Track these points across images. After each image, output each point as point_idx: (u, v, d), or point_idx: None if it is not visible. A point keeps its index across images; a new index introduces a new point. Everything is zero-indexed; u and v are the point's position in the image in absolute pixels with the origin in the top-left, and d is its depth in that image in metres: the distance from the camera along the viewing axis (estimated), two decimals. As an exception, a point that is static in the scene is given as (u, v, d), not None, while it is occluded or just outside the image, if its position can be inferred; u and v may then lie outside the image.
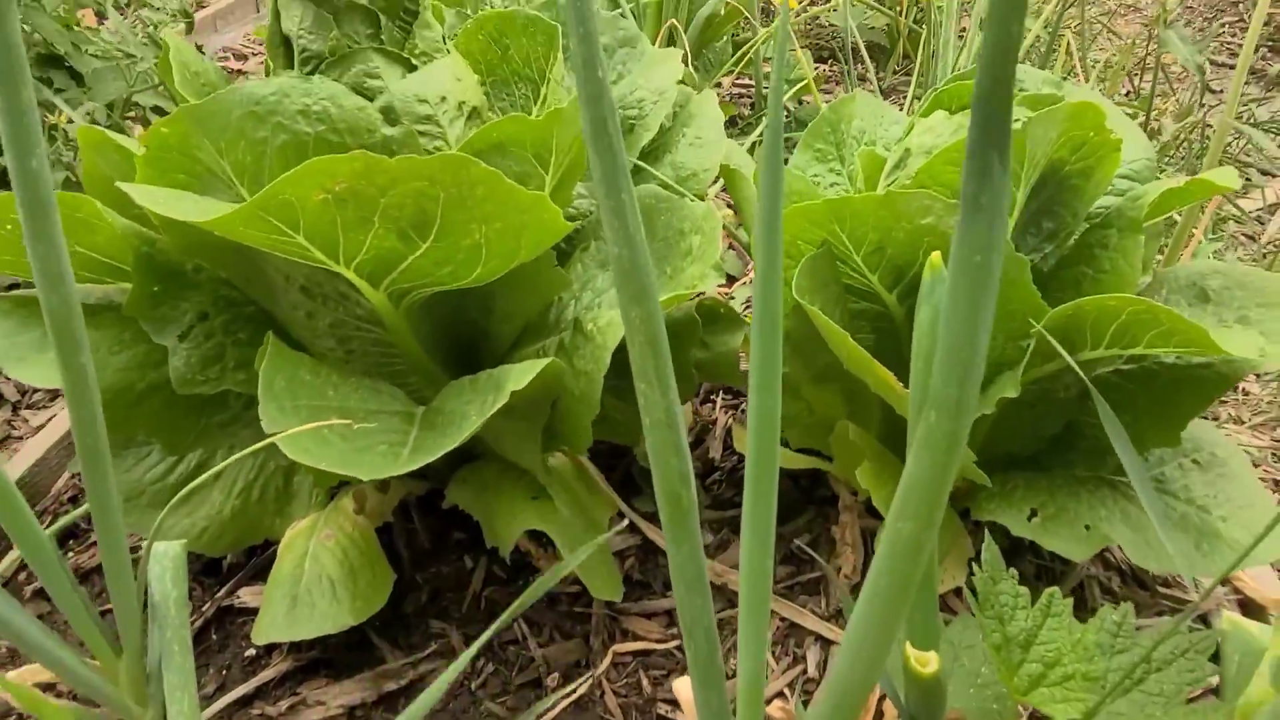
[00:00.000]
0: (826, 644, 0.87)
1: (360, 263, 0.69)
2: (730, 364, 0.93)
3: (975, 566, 0.63)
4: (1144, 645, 0.65)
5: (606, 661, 0.87)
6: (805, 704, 0.83)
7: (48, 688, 0.83)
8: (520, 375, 0.68)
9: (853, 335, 0.82)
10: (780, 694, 0.84)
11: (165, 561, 0.66)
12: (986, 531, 0.64)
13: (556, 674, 0.87)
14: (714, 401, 1.17)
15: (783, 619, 0.90)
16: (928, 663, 0.53)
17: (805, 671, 0.86)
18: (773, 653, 0.88)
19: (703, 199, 0.85)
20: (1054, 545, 0.79)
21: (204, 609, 0.92)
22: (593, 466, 0.95)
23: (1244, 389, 1.57)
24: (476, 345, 0.88)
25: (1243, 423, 1.48)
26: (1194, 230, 1.13)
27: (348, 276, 0.71)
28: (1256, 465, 1.38)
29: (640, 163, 0.89)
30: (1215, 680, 0.73)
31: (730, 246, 1.46)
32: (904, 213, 0.70)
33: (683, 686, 0.68)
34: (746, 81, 2.06)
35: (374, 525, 0.91)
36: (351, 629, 0.90)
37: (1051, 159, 0.75)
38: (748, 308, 1.28)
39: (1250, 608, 0.92)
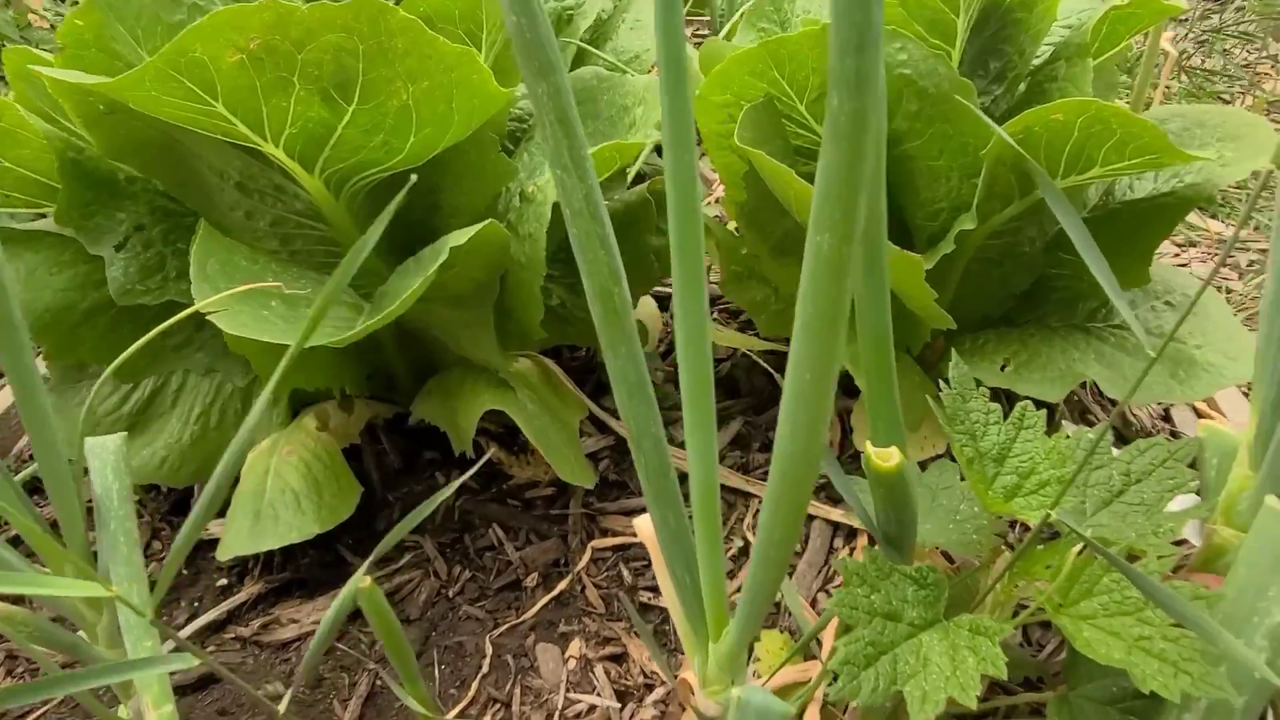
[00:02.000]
0: (809, 519, 0.86)
1: (289, 138, 0.67)
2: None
3: (944, 384, 0.61)
4: (1123, 460, 0.63)
5: (586, 558, 0.85)
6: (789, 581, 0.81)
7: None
8: (460, 235, 0.66)
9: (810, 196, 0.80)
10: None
11: (104, 455, 0.64)
12: (953, 351, 0.62)
13: (535, 574, 0.85)
14: (684, 313, 1.15)
15: (760, 500, 0.87)
16: (889, 457, 0.51)
17: (787, 548, 0.83)
18: (753, 532, 0.85)
19: (645, 76, 0.84)
20: (1028, 390, 0.77)
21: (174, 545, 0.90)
22: (561, 371, 0.93)
23: (1227, 286, 1.56)
24: (427, 244, 0.86)
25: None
26: (1152, 89, 1.11)
27: (279, 159, 0.69)
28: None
29: (583, 44, 0.87)
30: (1196, 484, 0.72)
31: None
32: (841, 45, 0.68)
33: (643, 523, 0.65)
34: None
35: (340, 445, 0.89)
36: (324, 548, 0.89)
37: (991, -9, 0.73)
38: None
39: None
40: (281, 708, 0.55)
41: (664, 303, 1.16)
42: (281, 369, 0.53)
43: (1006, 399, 0.92)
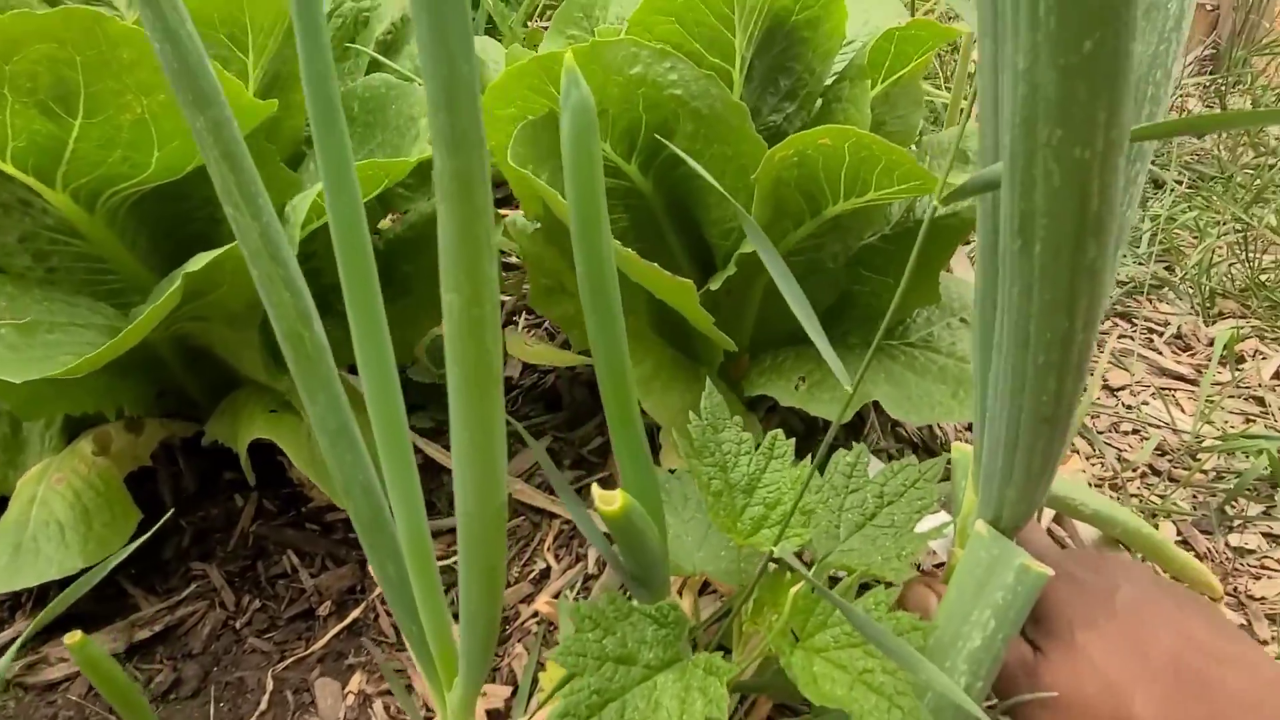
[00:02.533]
0: (611, 539, 0.84)
1: (16, 152, 0.62)
2: (492, 262, 0.89)
3: (694, 416, 0.60)
4: (877, 482, 0.63)
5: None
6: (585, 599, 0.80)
7: None
8: (199, 259, 0.63)
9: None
10: (560, 593, 0.80)
11: None
12: (709, 377, 0.62)
13: (329, 602, 0.82)
14: (516, 323, 1.13)
15: (567, 520, 0.86)
16: (611, 500, 0.50)
17: (586, 569, 0.82)
18: (555, 554, 0.84)
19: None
20: (817, 410, 0.77)
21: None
22: (355, 381, 0.90)
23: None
24: (208, 258, 0.81)
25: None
26: (962, 104, 1.13)
27: (11, 173, 0.64)
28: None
29: (376, 55, 0.84)
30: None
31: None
32: (612, 64, 0.66)
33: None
34: None
35: (125, 468, 0.84)
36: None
37: (775, 9, 0.73)
38: (507, 202, 1.23)
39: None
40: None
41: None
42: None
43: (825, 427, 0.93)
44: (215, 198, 0.77)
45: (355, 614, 0.80)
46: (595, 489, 0.50)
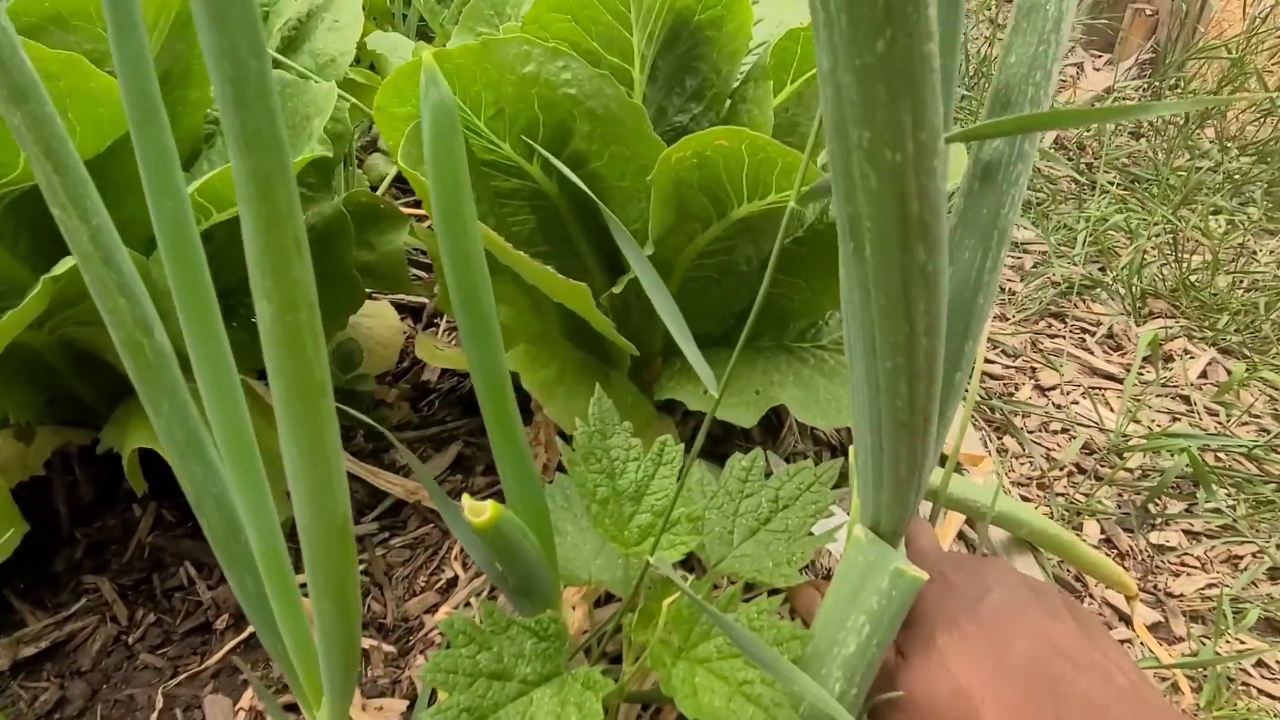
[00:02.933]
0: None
1: None
2: (398, 265, 0.87)
3: (580, 422, 0.58)
4: (773, 486, 0.62)
5: (284, 596, 0.80)
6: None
7: None
8: (62, 264, 0.60)
9: (510, 219, 0.77)
10: (467, 603, 0.79)
11: None
12: (599, 384, 0.60)
13: (227, 615, 0.79)
14: (437, 325, 1.11)
15: (475, 529, 0.84)
16: (480, 511, 0.48)
17: (493, 578, 0.81)
18: (464, 562, 0.82)
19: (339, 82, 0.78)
20: (725, 414, 0.76)
21: None
22: (263, 388, 0.87)
23: (1010, 289, 1.62)
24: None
25: (1007, 319, 1.53)
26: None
27: None
28: (1015, 356, 1.42)
29: (275, 55, 0.81)
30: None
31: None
32: (505, 63, 0.65)
33: None
34: None
35: (14, 478, 0.81)
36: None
37: (677, 8, 0.72)
38: (408, 201, 1.21)
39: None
40: None
41: (416, 314, 1.12)
42: None
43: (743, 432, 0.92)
44: (101, 196, 0.74)
45: (252, 628, 0.78)
46: (465, 499, 0.49)
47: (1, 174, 0.63)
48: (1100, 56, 2.58)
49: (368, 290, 0.88)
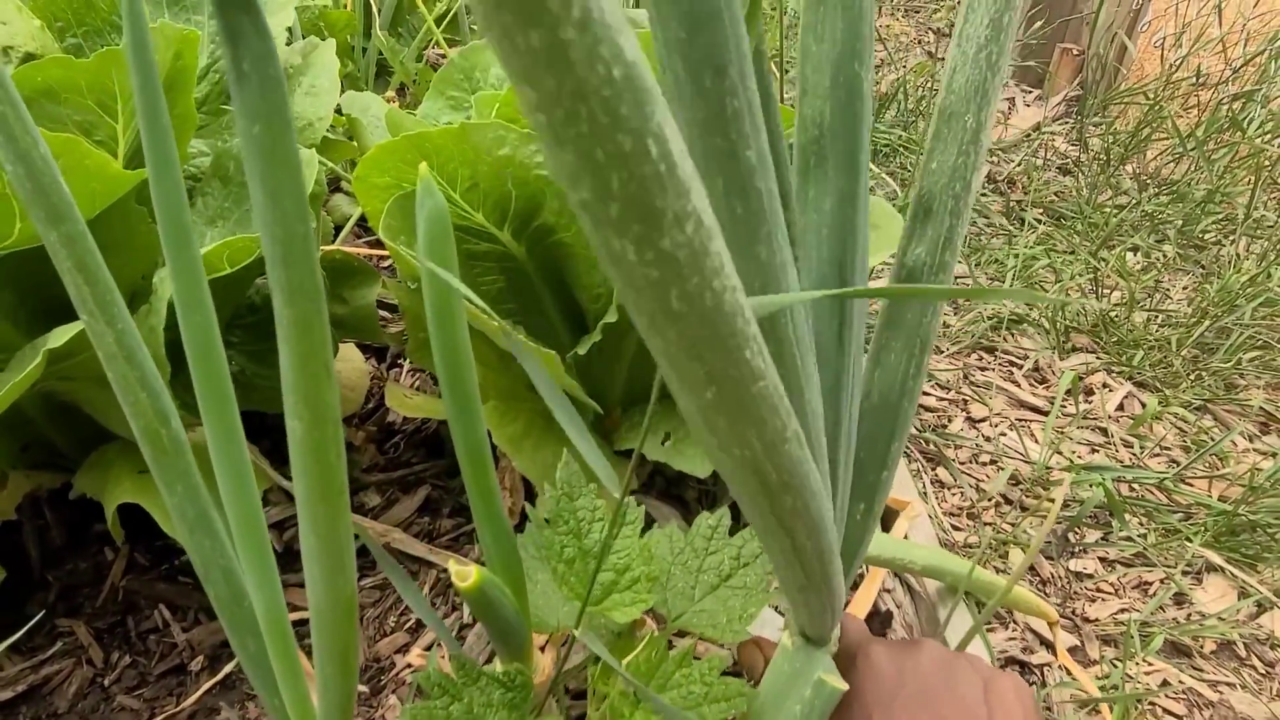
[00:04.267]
0: (484, 589, 0.87)
1: None
2: (369, 318, 0.91)
3: (549, 486, 0.63)
4: (735, 544, 0.68)
5: (258, 637, 0.83)
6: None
7: None
8: (61, 334, 0.63)
9: (481, 278, 0.82)
10: (437, 642, 0.83)
11: None
12: (566, 452, 0.65)
13: (202, 657, 0.82)
14: (401, 365, 1.15)
15: (444, 570, 0.89)
16: (466, 576, 0.53)
17: (462, 618, 0.85)
18: (432, 602, 0.87)
19: (315, 147, 0.82)
20: (681, 465, 0.81)
21: None
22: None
23: (946, 321, 1.71)
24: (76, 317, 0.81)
25: (941, 351, 1.62)
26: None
27: None
28: (948, 389, 1.51)
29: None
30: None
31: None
32: (481, 145, 0.70)
33: None
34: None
35: (-13, 525, 0.83)
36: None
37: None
38: (381, 261, 1.25)
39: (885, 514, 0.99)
40: None
41: (380, 354, 1.15)
42: None
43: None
44: (84, 257, 0.77)
45: (228, 668, 0.81)
46: (452, 565, 0.54)
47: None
48: (1031, 92, 2.72)
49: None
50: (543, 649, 0.75)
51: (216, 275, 0.72)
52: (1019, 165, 2.20)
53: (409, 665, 0.80)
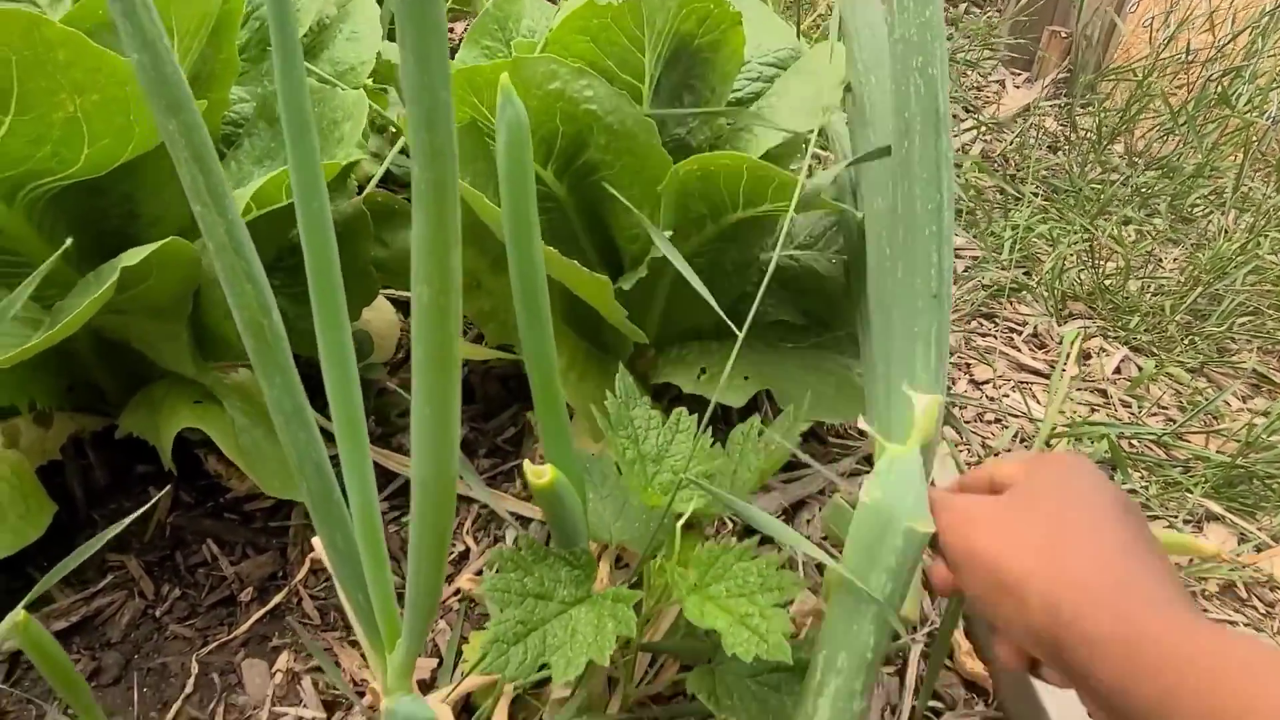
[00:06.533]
0: (525, 521, 0.90)
1: (-60, 145, 0.63)
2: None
3: (610, 394, 0.66)
4: (764, 443, 0.71)
5: (304, 570, 0.85)
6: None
7: None
8: (135, 253, 0.65)
9: (522, 218, 0.84)
10: (478, 571, 0.85)
11: None
12: (621, 365, 0.68)
13: (251, 589, 0.84)
14: (427, 319, 1.16)
15: (484, 506, 0.91)
16: (542, 474, 0.56)
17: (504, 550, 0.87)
18: (474, 536, 0.89)
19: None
20: (718, 397, 0.84)
21: None
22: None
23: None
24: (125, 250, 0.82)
25: (941, 318, 1.65)
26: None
27: (-67, 166, 0.65)
28: (951, 353, 1.54)
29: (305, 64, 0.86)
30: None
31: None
32: (532, 80, 0.72)
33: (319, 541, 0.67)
34: None
35: (35, 462, 0.84)
36: (13, 573, 0.84)
37: (680, 32, 0.80)
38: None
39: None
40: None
41: (406, 308, 1.17)
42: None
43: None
44: (134, 194, 0.79)
45: (278, 599, 0.83)
46: (527, 464, 0.56)
47: (63, 167, 0.67)
48: (1020, 75, 2.76)
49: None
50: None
51: (272, 208, 0.74)
52: (1011, 144, 2.25)
53: (456, 593, 0.82)
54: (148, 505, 0.65)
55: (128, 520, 0.62)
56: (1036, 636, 0.46)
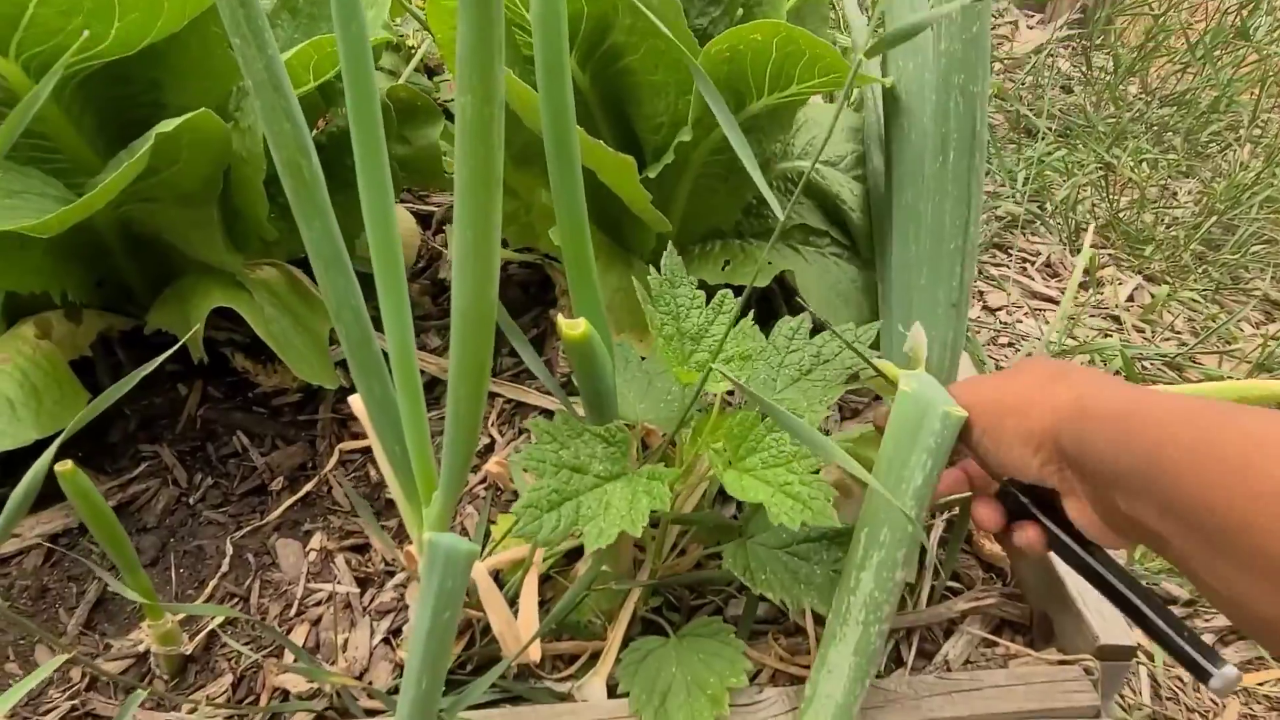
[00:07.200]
0: (548, 414, 0.91)
1: (-27, 16, 0.63)
2: (434, 159, 0.93)
3: (654, 270, 0.67)
4: (816, 344, 0.71)
5: (333, 460, 0.87)
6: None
7: None
8: (169, 123, 0.65)
9: (544, 112, 0.84)
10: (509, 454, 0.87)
11: None
12: (670, 243, 0.69)
13: (281, 478, 0.86)
14: (446, 231, 1.17)
15: (508, 399, 0.92)
16: (576, 326, 0.56)
17: (528, 440, 0.89)
18: (499, 428, 0.90)
19: None
20: (742, 281, 0.85)
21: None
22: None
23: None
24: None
25: (954, 251, 1.65)
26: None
27: (-34, 38, 0.65)
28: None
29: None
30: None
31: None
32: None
33: (357, 399, 0.68)
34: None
35: (67, 356, 0.85)
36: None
37: (701, -84, 0.79)
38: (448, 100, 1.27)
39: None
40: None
41: (425, 220, 1.18)
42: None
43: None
44: (161, 81, 0.79)
45: (308, 488, 0.85)
46: (560, 318, 0.57)
47: (92, 44, 0.68)
48: (1033, 16, 2.73)
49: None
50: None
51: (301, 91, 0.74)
52: (1024, 85, 2.23)
53: (483, 480, 0.84)
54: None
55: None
56: (1031, 436, 0.52)
